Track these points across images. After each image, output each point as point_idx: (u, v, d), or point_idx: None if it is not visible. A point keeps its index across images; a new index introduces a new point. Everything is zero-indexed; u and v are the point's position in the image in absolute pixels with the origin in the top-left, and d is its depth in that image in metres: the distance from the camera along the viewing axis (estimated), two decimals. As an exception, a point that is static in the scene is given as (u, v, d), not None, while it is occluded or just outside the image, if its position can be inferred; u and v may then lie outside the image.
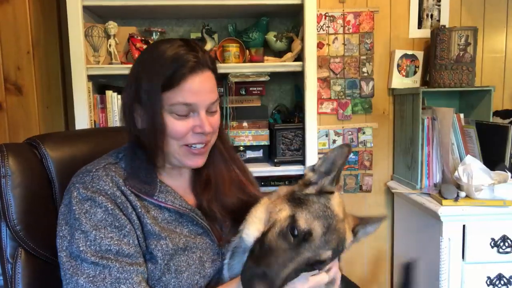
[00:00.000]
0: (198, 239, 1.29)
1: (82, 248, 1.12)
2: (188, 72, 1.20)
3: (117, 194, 1.20)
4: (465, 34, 2.81)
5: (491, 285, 2.42)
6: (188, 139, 1.26)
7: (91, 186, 1.18)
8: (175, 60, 1.20)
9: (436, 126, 2.67)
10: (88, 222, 1.14)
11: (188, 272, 1.23)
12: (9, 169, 1.27)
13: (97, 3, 2.47)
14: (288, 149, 2.70)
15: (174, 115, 1.22)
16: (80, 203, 1.16)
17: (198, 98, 1.23)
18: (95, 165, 1.25)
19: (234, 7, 2.60)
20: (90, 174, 1.21)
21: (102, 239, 1.14)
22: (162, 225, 1.25)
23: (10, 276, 1.28)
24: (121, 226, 1.17)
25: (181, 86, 1.20)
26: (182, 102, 1.21)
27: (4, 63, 2.81)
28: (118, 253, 1.14)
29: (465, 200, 2.41)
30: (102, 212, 1.16)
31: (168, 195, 1.29)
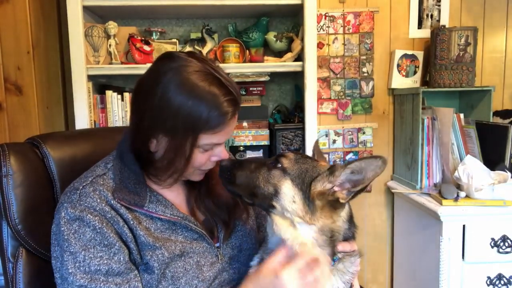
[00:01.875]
0: (195, 244, 1.27)
1: (71, 270, 1.11)
2: (228, 120, 1.19)
3: (106, 209, 1.17)
4: (465, 34, 2.82)
5: (491, 285, 2.42)
6: (203, 166, 1.27)
7: (78, 205, 1.15)
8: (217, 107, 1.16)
9: (436, 126, 2.68)
10: (77, 242, 1.12)
11: (186, 277, 1.22)
12: (10, 168, 1.27)
13: (97, 3, 2.47)
14: (288, 149, 2.70)
15: (200, 149, 1.21)
16: (69, 223, 1.14)
17: (227, 137, 1.25)
18: (82, 181, 1.22)
19: (234, 7, 2.60)
20: (77, 192, 1.18)
21: (91, 260, 1.12)
22: (156, 235, 1.22)
23: (11, 276, 1.28)
24: (110, 244, 1.15)
25: (219, 133, 1.20)
26: (216, 143, 1.22)
27: (4, 63, 2.80)
28: (108, 273, 1.13)
29: (465, 200, 2.41)
30: (90, 231, 1.14)
31: (159, 204, 1.26)
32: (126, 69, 2.52)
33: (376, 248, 3.22)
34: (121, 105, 2.56)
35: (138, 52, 2.52)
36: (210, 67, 1.18)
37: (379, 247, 3.22)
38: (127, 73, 2.55)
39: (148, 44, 2.55)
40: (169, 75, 1.17)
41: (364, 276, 3.22)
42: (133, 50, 2.52)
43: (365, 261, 3.20)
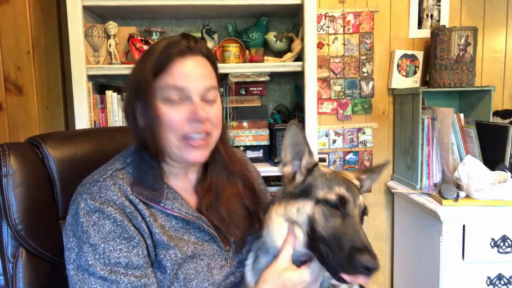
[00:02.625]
0: (206, 246, 1.27)
1: (91, 262, 1.11)
2: (176, 55, 1.21)
3: (126, 204, 1.18)
4: (465, 34, 2.82)
5: (491, 285, 2.42)
6: (184, 129, 1.22)
7: (98, 197, 1.16)
8: (165, 46, 1.22)
9: (436, 126, 2.67)
10: (97, 234, 1.12)
11: (197, 279, 1.22)
12: (10, 168, 1.27)
13: (97, 3, 2.47)
14: (288, 149, 2.70)
15: (167, 102, 1.21)
16: (88, 215, 1.14)
17: (188, 82, 1.21)
18: (101, 174, 1.22)
19: (234, 7, 2.61)
20: (97, 184, 1.18)
21: (111, 252, 1.12)
22: (170, 233, 1.23)
23: (11, 275, 1.28)
24: (130, 238, 1.16)
25: (170, 69, 1.21)
26: (172, 85, 1.20)
27: (4, 63, 2.81)
28: (127, 266, 1.13)
29: (465, 200, 2.41)
30: (110, 223, 1.14)
31: (175, 202, 1.26)
32: (126, 69, 2.52)
33: (376, 248, 3.17)
34: (121, 105, 2.55)
35: (138, 52, 2.52)
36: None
37: (379, 247, 3.22)
38: (127, 73, 2.51)
39: (148, 44, 2.55)
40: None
41: (364, 276, 3.21)
42: (133, 50, 2.52)
43: (365, 261, 3.19)
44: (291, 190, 1.21)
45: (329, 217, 1.12)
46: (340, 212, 1.12)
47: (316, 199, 1.14)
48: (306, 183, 1.18)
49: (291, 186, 1.22)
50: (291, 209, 1.17)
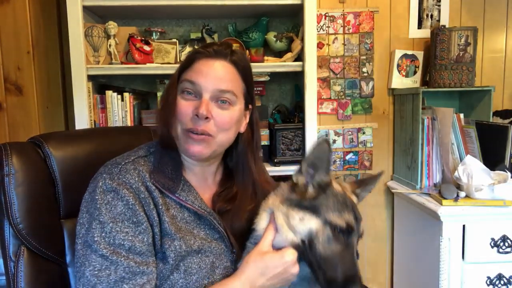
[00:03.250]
0: (214, 244, 1.29)
1: (97, 238, 1.13)
2: (201, 55, 1.30)
3: (141, 189, 1.21)
4: (465, 34, 2.82)
5: (491, 285, 2.42)
6: (187, 122, 1.26)
7: (117, 178, 1.20)
8: (198, 48, 1.35)
9: (436, 126, 2.68)
10: (108, 213, 1.15)
11: (198, 275, 1.23)
12: (12, 167, 1.28)
13: (97, 3, 2.47)
14: (288, 149, 2.70)
15: (182, 95, 1.28)
16: (103, 193, 1.17)
17: (203, 79, 1.27)
18: (124, 158, 1.28)
19: (234, 7, 2.60)
20: (118, 166, 1.23)
21: (117, 233, 1.14)
22: (180, 224, 1.25)
23: (13, 274, 1.28)
24: (138, 222, 1.18)
25: (192, 67, 1.29)
26: (188, 79, 1.28)
27: (4, 63, 2.81)
28: (130, 250, 1.15)
29: (465, 200, 2.41)
30: (122, 205, 1.17)
31: (190, 194, 1.30)
32: (126, 69, 2.52)
33: (376, 248, 3.22)
34: (121, 105, 2.56)
35: (138, 52, 2.52)
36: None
37: (379, 247, 3.22)
38: (127, 73, 2.54)
39: (148, 44, 2.55)
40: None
41: (364, 276, 3.22)
42: (133, 50, 2.52)
43: (365, 261, 3.20)
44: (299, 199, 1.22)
45: (332, 241, 1.15)
46: (344, 239, 1.16)
47: (325, 220, 1.16)
48: (318, 200, 1.20)
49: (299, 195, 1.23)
50: (294, 216, 1.19)
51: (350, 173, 3.14)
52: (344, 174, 3.13)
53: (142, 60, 2.52)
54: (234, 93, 1.30)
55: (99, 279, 1.11)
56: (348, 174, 3.14)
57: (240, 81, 1.34)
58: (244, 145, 1.43)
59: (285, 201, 1.23)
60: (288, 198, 1.23)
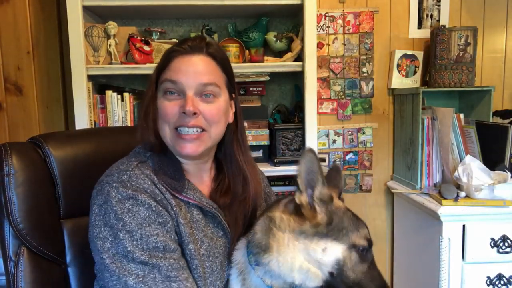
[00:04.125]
0: (219, 242, 1.31)
1: (130, 248, 1.12)
2: (177, 53, 1.29)
3: (156, 191, 1.21)
4: (465, 34, 2.82)
5: (491, 285, 2.42)
6: (176, 121, 1.26)
7: (130, 185, 1.18)
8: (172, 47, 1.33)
9: (436, 126, 2.68)
10: (132, 221, 1.14)
11: (212, 277, 1.25)
12: (12, 167, 1.28)
13: (97, 3, 2.47)
14: (288, 149, 2.70)
15: (165, 95, 1.28)
16: (121, 203, 1.15)
17: (183, 76, 1.26)
18: (128, 164, 1.25)
19: (234, 7, 2.61)
20: (127, 173, 1.20)
21: (148, 237, 1.14)
22: (191, 224, 1.26)
23: (13, 274, 1.28)
24: (164, 222, 1.18)
25: (170, 66, 1.29)
26: (169, 78, 1.27)
27: (4, 63, 2.81)
28: (165, 249, 1.15)
29: (465, 200, 2.41)
30: (145, 209, 1.16)
31: (195, 192, 1.30)
32: (126, 69, 2.52)
33: (376, 248, 3.18)
34: (121, 105, 2.56)
35: (138, 52, 2.52)
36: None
37: (379, 247, 3.22)
38: (127, 73, 2.55)
39: (148, 44, 2.55)
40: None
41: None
42: (133, 50, 2.52)
43: (365, 261, 3.20)
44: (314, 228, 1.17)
45: (359, 262, 1.17)
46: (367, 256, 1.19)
47: (349, 244, 1.16)
48: (334, 223, 1.17)
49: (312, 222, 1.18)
50: (316, 249, 1.16)
51: (350, 173, 3.14)
52: (344, 174, 3.13)
53: (142, 60, 2.52)
54: (217, 85, 1.31)
55: (146, 284, 1.11)
56: (348, 174, 3.14)
57: (220, 72, 1.34)
58: (230, 135, 1.43)
59: (299, 236, 1.17)
60: (302, 231, 1.17)
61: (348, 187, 3.14)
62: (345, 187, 3.14)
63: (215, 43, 1.36)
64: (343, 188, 3.12)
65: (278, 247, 1.18)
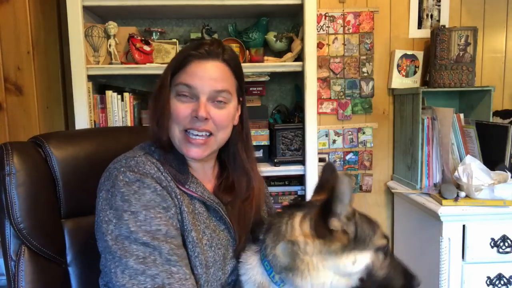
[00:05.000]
0: (222, 235, 1.33)
1: (133, 228, 1.13)
2: (194, 58, 1.29)
3: (162, 178, 1.23)
4: (465, 34, 2.82)
5: (491, 285, 2.42)
6: (186, 123, 1.28)
7: (137, 170, 1.21)
8: (188, 48, 1.32)
9: (436, 126, 2.68)
10: (138, 202, 1.16)
11: (214, 268, 1.27)
12: (13, 167, 1.28)
13: (97, 3, 2.47)
14: (288, 149, 2.70)
15: (178, 97, 1.29)
16: (128, 185, 1.18)
17: (199, 81, 1.27)
18: (135, 153, 1.28)
19: (234, 7, 2.60)
20: (134, 159, 1.24)
21: (152, 219, 1.15)
22: (193, 215, 1.27)
23: (13, 274, 1.28)
24: (167, 207, 1.20)
25: (186, 69, 1.28)
26: (184, 82, 1.28)
27: (4, 63, 2.80)
28: (167, 234, 1.16)
29: (465, 200, 2.41)
30: (150, 192, 1.18)
31: (198, 186, 1.32)
32: (126, 69, 2.52)
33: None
34: (121, 105, 2.56)
35: (138, 52, 2.52)
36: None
37: (379, 247, 3.22)
38: (127, 73, 2.55)
39: (148, 44, 2.55)
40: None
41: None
42: (133, 50, 2.52)
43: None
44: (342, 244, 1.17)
45: (384, 259, 1.23)
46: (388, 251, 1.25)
47: (374, 248, 1.20)
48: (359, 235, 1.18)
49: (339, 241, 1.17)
50: (346, 262, 1.16)
51: (350, 173, 3.14)
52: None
53: (142, 60, 2.52)
54: (229, 92, 1.33)
55: (147, 265, 1.11)
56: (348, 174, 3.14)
57: (233, 79, 1.36)
58: (235, 136, 1.45)
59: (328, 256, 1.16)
60: (330, 251, 1.16)
61: (348, 187, 3.13)
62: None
63: (230, 49, 1.36)
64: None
65: (309, 271, 1.16)
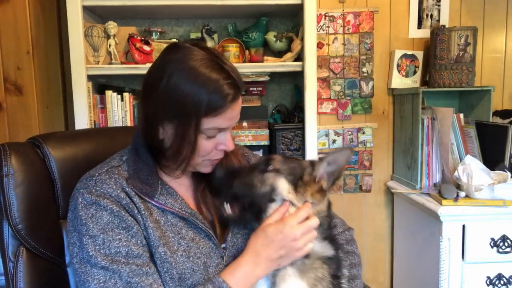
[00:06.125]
0: (202, 243, 1.28)
1: (92, 253, 1.12)
2: (229, 102, 1.19)
3: (122, 196, 1.20)
4: (465, 34, 2.82)
5: (491, 285, 2.42)
6: (211, 155, 1.28)
7: (95, 190, 1.18)
8: (217, 90, 1.17)
9: (436, 126, 2.68)
10: (95, 226, 1.14)
11: (193, 279, 1.23)
12: (11, 168, 1.27)
13: (97, 3, 2.47)
14: (288, 149, 2.70)
15: (204, 136, 1.23)
16: (86, 208, 1.16)
17: (231, 122, 1.26)
18: (97, 169, 1.25)
19: (234, 7, 2.60)
20: (93, 179, 1.21)
21: (110, 242, 1.14)
22: (165, 228, 1.24)
23: (12, 275, 1.28)
24: (128, 227, 1.17)
25: (222, 115, 1.20)
26: (218, 127, 1.23)
27: (4, 63, 2.81)
28: (128, 255, 1.14)
29: (465, 200, 2.41)
30: (108, 214, 1.16)
31: (169, 197, 1.27)
32: (126, 69, 2.52)
33: (376, 248, 3.22)
34: (121, 105, 2.56)
35: (138, 52, 2.52)
36: (213, 55, 1.22)
37: (379, 247, 3.22)
38: (127, 73, 2.55)
39: (148, 44, 2.55)
40: (173, 64, 1.20)
41: (364, 276, 3.22)
42: (133, 50, 2.52)
43: (365, 261, 3.20)
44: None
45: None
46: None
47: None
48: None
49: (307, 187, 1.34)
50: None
51: (350, 173, 3.14)
52: (344, 174, 3.13)
53: (142, 60, 2.52)
54: None
55: None
56: (347, 174, 3.14)
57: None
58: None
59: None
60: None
61: (348, 187, 3.14)
62: (345, 187, 3.14)
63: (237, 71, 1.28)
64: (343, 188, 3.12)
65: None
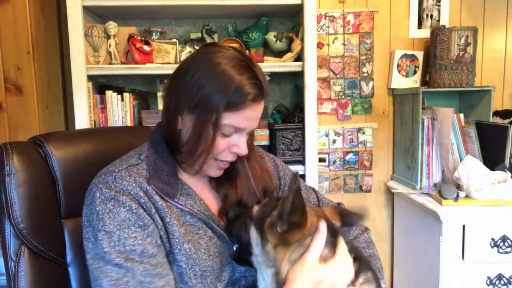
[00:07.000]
0: (218, 242, 1.29)
1: (107, 249, 1.12)
2: (251, 100, 1.19)
3: (140, 194, 1.20)
4: (465, 34, 2.82)
5: (491, 285, 2.42)
6: (221, 156, 1.27)
7: (114, 186, 1.18)
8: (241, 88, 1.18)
9: (436, 126, 2.68)
10: (112, 222, 1.14)
11: (212, 277, 1.24)
12: (13, 167, 1.27)
13: (97, 3, 2.46)
14: (288, 149, 2.70)
15: (220, 133, 1.22)
16: (103, 203, 1.15)
17: (249, 124, 1.24)
18: (117, 166, 1.24)
19: (234, 7, 2.60)
20: (113, 174, 1.20)
21: (126, 239, 1.13)
22: (185, 227, 1.24)
23: (13, 274, 1.28)
24: (144, 226, 1.17)
25: (241, 113, 1.20)
26: (236, 125, 1.22)
27: (4, 63, 2.80)
28: (142, 253, 1.14)
29: (465, 200, 2.41)
30: (125, 211, 1.15)
31: (189, 198, 1.28)
32: (126, 69, 2.52)
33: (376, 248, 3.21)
34: (121, 105, 2.56)
35: (138, 52, 2.52)
36: (243, 56, 1.24)
37: (379, 247, 3.20)
38: (127, 73, 2.55)
39: (148, 44, 2.55)
40: (202, 58, 1.23)
41: (364, 276, 3.21)
42: (133, 50, 2.52)
43: (365, 261, 3.20)
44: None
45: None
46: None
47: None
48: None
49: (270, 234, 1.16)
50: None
51: (350, 173, 3.14)
52: (344, 174, 3.14)
53: (142, 60, 2.52)
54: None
55: (119, 287, 1.11)
56: (348, 174, 3.14)
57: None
58: None
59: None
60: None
61: (348, 187, 3.14)
62: (345, 187, 3.14)
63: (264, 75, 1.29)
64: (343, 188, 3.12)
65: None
